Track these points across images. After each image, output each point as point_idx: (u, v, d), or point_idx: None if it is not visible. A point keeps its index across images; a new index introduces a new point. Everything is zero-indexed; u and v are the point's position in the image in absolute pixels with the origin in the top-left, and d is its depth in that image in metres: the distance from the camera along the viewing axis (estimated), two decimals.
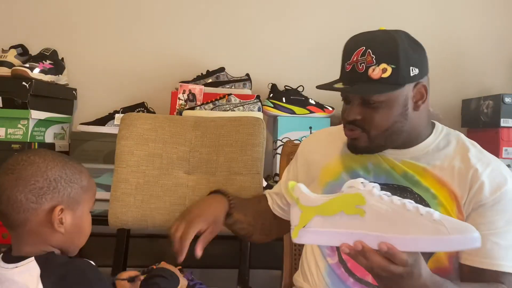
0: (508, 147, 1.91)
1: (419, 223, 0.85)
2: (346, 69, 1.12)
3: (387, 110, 1.11)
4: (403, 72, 1.08)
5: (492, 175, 1.12)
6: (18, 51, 2.09)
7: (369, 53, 1.08)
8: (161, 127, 1.64)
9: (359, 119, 1.13)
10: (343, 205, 0.90)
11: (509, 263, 1.08)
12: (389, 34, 1.12)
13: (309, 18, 2.32)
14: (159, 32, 2.31)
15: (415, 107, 1.14)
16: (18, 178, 0.94)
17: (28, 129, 1.91)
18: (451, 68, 2.32)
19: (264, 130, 1.64)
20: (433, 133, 1.20)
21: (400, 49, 1.09)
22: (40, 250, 0.95)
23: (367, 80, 1.08)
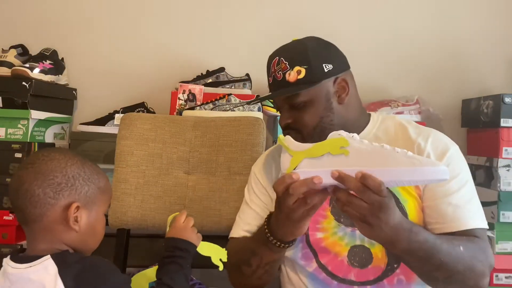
0: (508, 147, 1.91)
1: (395, 158, 0.93)
2: (269, 82, 1.23)
3: (312, 108, 1.18)
4: (316, 70, 1.17)
5: (434, 144, 1.18)
6: (18, 51, 2.09)
7: (282, 61, 1.19)
8: (161, 127, 1.64)
9: (290, 122, 1.21)
10: (329, 147, 0.98)
11: (473, 220, 1.13)
12: (298, 41, 1.24)
13: (310, 18, 2.32)
14: (159, 32, 2.31)
15: (339, 101, 1.21)
16: (38, 172, 0.95)
17: (28, 129, 1.91)
18: (451, 68, 2.32)
19: (264, 130, 1.64)
20: (371, 121, 1.26)
21: (309, 49, 1.19)
22: (55, 249, 0.95)
23: (286, 85, 1.17)
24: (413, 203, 1.16)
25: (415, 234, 1.01)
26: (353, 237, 1.17)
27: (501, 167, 1.89)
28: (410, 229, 1.00)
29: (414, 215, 1.15)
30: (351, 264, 1.17)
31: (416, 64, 2.31)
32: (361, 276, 1.17)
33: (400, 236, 0.98)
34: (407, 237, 0.99)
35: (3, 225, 1.80)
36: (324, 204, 1.14)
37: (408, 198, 1.16)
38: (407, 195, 1.16)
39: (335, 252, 1.18)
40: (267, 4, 2.33)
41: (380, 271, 1.17)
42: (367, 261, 1.16)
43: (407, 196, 1.16)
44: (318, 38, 1.25)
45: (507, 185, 1.89)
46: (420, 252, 1.02)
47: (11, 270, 0.95)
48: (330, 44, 1.25)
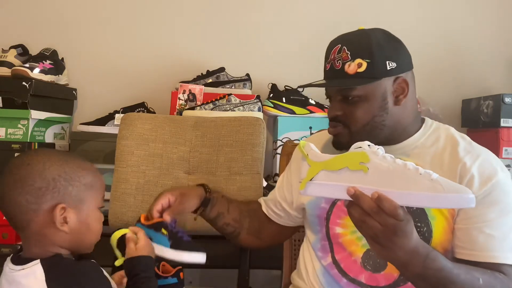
0: (508, 147, 1.91)
1: (417, 180, 0.89)
2: (326, 68, 1.17)
3: (366, 104, 1.12)
4: (378, 66, 1.10)
5: (481, 167, 1.10)
6: (18, 51, 2.09)
7: (344, 50, 1.12)
8: (161, 127, 1.64)
9: (340, 114, 1.14)
10: (348, 161, 0.94)
11: (504, 254, 1.06)
12: (364, 31, 1.15)
13: (309, 18, 2.32)
14: (159, 32, 2.31)
15: (396, 102, 1.14)
16: (16, 180, 0.93)
17: (28, 129, 1.91)
18: (451, 68, 2.32)
19: (264, 130, 1.64)
20: (422, 128, 1.20)
21: (374, 43, 1.11)
22: (47, 251, 0.95)
23: (344, 76, 1.11)
24: (441, 222, 1.11)
25: (431, 260, 0.96)
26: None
27: None
28: (427, 255, 0.96)
29: (440, 234, 1.11)
30: (364, 267, 1.15)
31: (416, 64, 2.29)
32: (371, 280, 1.15)
33: (414, 261, 0.95)
34: (422, 263, 0.95)
35: (3, 225, 1.80)
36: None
37: (437, 215, 1.11)
38: (437, 212, 1.11)
39: (350, 250, 1.17)
40: (267, 4, 2.33)
41: (392, 279, 1.14)
42: (380, 267, 1.14)
43: (437, 214, 1.11)
44: (386, 31, 1.18)
45: None
46: (433, 279, 0.98)
47: (8, 270, 0.95)
48: (397, 40, 1.18)
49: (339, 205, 1.18)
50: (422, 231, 1.10)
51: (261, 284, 1.91)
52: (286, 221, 1.36)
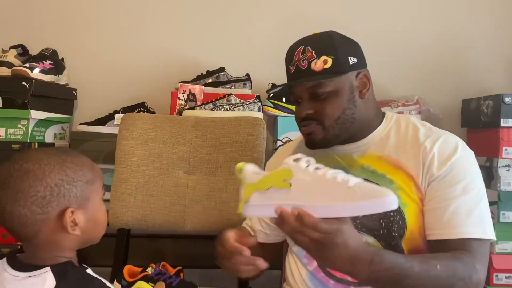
0: (508, 147, 1.91)
1: (334, 191, 0.91)
2: (290, 71, 1.20)
3: (336, 99, 1.17)
4: (342, 61, 1.16)
5: (441, 148, 1.15)
6: (18, 51, 2.09)
7: (308, 49, 1.17)
8: (161, 127, 1.64)
9: (311, 113, 1.17)
10: (274, 180, 0.96)
11: (470, 229, 1.08)
12: (323, 32, 1.22)
13: (309, 17, 2.32)
14: (159, 32, 2.31)
15: (361, 95, 1.20)
16: (16, 192, 0.87)
17: (28, 129, 1.91)
18: (451, 68, 2.32)
19: (264, 130, 1.64)
20: (383, 121, 1.25)
21: (335, 40, 1.18)
22: (57, 257, 0.90)
23: (311, 74, 1.15)
24: (413, 207, 1.13)
25: (378, 263, 0.96)
26: None
27: (501, 167, 1.89)
28: (371, 260, 0.95)
29: (413, 221, 1.13)
30: None
31: (416, 64, 2.31)
32: None
33: (358, 267, 0.95)
34: (367, 268, 0.95)
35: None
36: None
37: (408, 202, 1.13)
38: (408, 199, 1.13)
39: None
40: (267, 4, 2.33)
41: None
42: None
43: (408, 200, 1.13)
44: (340, 33, 1.23)
45: (507, 185, 1.89)
46: (385, 279, 0.98)
47: (9, 276, 0.89)
48: (352, 39, 1.24)
49: None
50: (396, 219, 1.12)
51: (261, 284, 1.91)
52: (274, 237, 1.36)
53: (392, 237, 1.13)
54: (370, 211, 0.90)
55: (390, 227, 1.13)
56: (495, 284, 1.90)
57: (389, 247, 1.12)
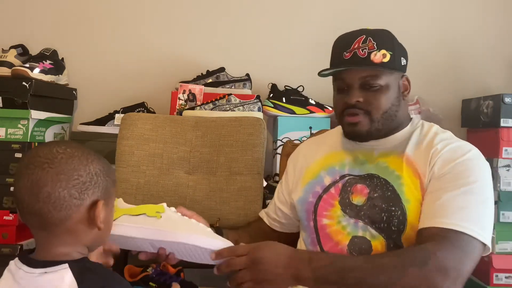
0: (508, 147, 1.91)
1: (194, 228, 1.11)
2: (344, 57, 1.20)
3: (386, 93, 1.20)
4: (398, 59, 1.21)
5: (450, 151, 1.16)
6: (18, 51, 2.09)
7: (370, 40, 1.19)
8: (162, 127, 1.64)
9: (361, 101, 1.20)
10: (147, 210, 1.14)
11: (452, 221, 1.05)
12: (381, 29, 1.25)
13: (309, 18, 2.32)
14: (159, 32, 2.31)
15: (403, 96, 1.25)
16: (60, 173, 0.85)
17: (28, 129, 1.91)
18: (451, 68, 2.32)
19: (265, 130, 1.64)
20: (409, 124, 1.28)
21: (394, 39, 1.23)
22: (74, 251, 0.89)
23: (369, 64, 1.18)
24: (415, 205, 1.14)
25: (317, 260, 1.04)
26: (355, 228, 1.18)
27: (501, 167, 1.89)
28: (309, 257, 1.04)
29: (414, 218, 1.13)
30: (350, 253, 1.18)
31: (416, 64, 2.30)
32: None
33: (299, 267, 1.02)
34: (308, 266, 1.02)
35: (3, 225, 1.80)
36: (334, 193, 1.23)
37: (411, 198, 1.15)
38: (411, 196, 1.15)
39: (337, 239, 1.20)
40: (267, 4, 2.33)
41: None
42: (366, 252, 1.16)
43: (411, 197, 1.15)
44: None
45: (507, 185, 1.89)
46: (330, 276, 1.02)
47: (23, 274, 0.86)
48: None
49: (325, 198, 1.24)
50: (397, 214, 1.14)
51: None
52: (288, 227, 1.40)
53: (392, 231, 1.14)
54: (216, 248, 1.07)
55: (390, 221, 1.14)
56: (495, 284, 1.90)
57: (390, 241, 1.14)
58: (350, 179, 1.23)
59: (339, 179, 1.25)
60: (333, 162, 1.29)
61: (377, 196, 1.17)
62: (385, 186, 1.17)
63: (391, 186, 1.17)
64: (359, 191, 1.21)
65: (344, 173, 1.25)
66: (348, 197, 1.22)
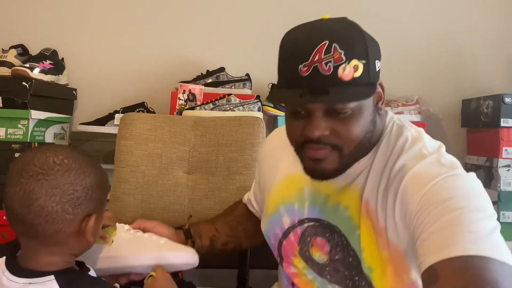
0: (508, 147, 1.91)
1: (147, 245, 1.09)
2: (301, 72, 0.86)
3: (360, 118, 0.90)
4: (372, 67, 0.88)
5: (411, 184, 0.88)
6: (18, 51, 2.09)
7: (336, 49, 0.84)
8: (161, 127, 1.64)
9: (327, 134, 0.89)
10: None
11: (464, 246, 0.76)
12: (347, 22, 0.92)
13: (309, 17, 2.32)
14: (159, 32, 2.31)
15: (377, 110, 0.95)
16: (55, 187, 0.83)
17: (28, 129, 1.91)
18: (451, 68, 2.32)
19: (264, 129, 1.64)
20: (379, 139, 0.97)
21: (366, 37, 0.89)
22: (61, 260, 0.87)
23: (337, 84, 0.84)
24: (380, 270, 0.93)
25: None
26: (323, 284, 1.02)
27: (501, 167, 1.89)
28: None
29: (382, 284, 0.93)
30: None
31: (416, 64, 2.31)
32: None
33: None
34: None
35: (3, 225, 1.80)
36: (293, 240, 1.06)
37: (373, 265, 0.94)
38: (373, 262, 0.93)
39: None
40: (267, 4, 2.33)
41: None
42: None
43: (373, 263, 0.94)
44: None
45: (507, 185, 1.89)
46: None
47: (6, 282, 0.84)
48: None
49: (286, 245, 1.07)
50: (361, 284, 0.96)
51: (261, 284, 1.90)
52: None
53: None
54: (173, 261, 1.07)
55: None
56: None
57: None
58: (309, 227, 1.03)
59: (298, 224, 1.05)
60: (292, 195, 1.07)
61: (339, 259, 0.98)
62: (346, 248, 0.96)
63: (352, 250, 0.96)
64: (319, 246, 1.02)
65: (303, 217, 1.04)
66: (308, 249, 1.03)
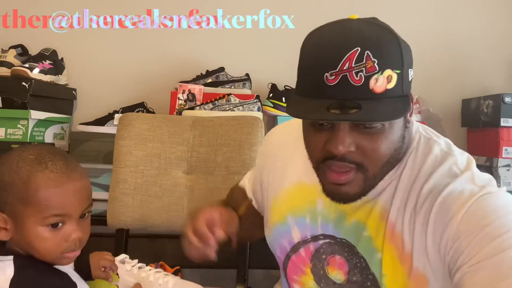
0: (508, 147, 1.90)
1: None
2: (327, 82, 0.77)
3: (389, 133, 0.81)
4: (406, 77, 0.80)
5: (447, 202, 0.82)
6: (17, 51, 2.09)
7: (368, 57, 0.76)
8: (159, 127, 1.64)
9: (353, 150, 0.80)
10: (102, 284, 1.07)
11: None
12: (380, 25, 0.85)
13: (309, 17, 2.32)
14: (159, 32, 2.31)
15: (406, 124, 0.85)
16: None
17: (28, 129, 1.91)
18: (451, 68, 2.32)
19: (262, 129, 1.64)
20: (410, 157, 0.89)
21: (402, 44, 0.81)
22: (20, 249, 0.87)
23: (368, 96, 0.76)
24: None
25: None
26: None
27: (501, 166, 1.89)
28: None
29: None
30: None
31: (416, 64, 2.29)
32: None
33: None
34: None
35: None
36: (305, 257, 0.98)
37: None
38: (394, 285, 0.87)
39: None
40: (266, 4, 2.32)
41: None
42: None
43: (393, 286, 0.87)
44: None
45: (507, 185, 1.89)
46: None
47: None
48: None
49: (294, 261, 0.99)
50: None
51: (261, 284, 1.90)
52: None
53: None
54: None
55: None
56: None
57: None
58: (325, 244, 0.94)
59: (311, 240, 0.96)
60: (302, 206, 0.97)
61: (356, 281, 0.91)
62: (365, 271, 0.89)
63: (371, 274, 0.89)
64: (337, 264, 0.93)
65: (316, 233, 0.95)
66: (322, 267, 0.95)
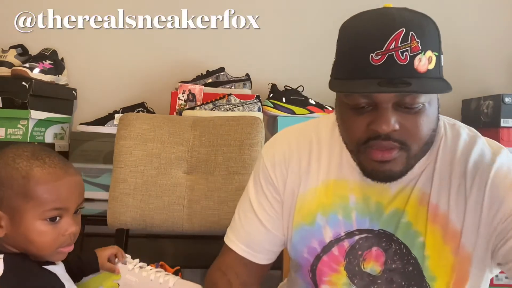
0: (508, 147, 1.90)
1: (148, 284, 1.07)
2: (373, 62, 0.79)
3: (428, 114, 0.84)
4: (441, 60, 0.85)
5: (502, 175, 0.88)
6: (18, 51, 2.09)
7: (413, 37, 0.79)
8: (160, 127, 1.64)
9: (397, 129, 0.82)
10: (103, 281, 1.07)
11: None
12: (417, 12, 0.89)
13: (309, 17, 2.32)
14: (159, 32, 2.31)
15: (439, 107, 0.90)
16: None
17: (28, 129, 1.91)
18: (451, 68, 2.29)
19: (263, 129, 1.64)
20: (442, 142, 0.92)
21: (438, 29, 0.86)
22: (12, 248, 0.87)
23: (413, 75, 0.79)
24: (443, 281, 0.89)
25: None
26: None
27: None
28: None
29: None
30: None
31: None
32: None
33: None
34: None
35: None
36: (338, 255, 0.95)
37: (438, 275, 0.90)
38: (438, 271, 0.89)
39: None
40: (266, 3, 2.32)
41: None
42: None
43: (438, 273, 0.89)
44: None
45: None
46: None
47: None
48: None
49: (326, 261, 0.96)
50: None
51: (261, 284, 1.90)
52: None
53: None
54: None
55: None
56: (495, 284, 1.89)
57: None
58: (361, 239, 0.93)
59: (345, 237, 0.94)
60: (333, 203, 0.95)
61: (395, 269, 0.91)
62: (407, 257, 0.90)
63: (413, 258, 0.90)
64: (374, 257, 0.93)
65: (351, 229, 0.94)
66: (358, 263, 0.93)
